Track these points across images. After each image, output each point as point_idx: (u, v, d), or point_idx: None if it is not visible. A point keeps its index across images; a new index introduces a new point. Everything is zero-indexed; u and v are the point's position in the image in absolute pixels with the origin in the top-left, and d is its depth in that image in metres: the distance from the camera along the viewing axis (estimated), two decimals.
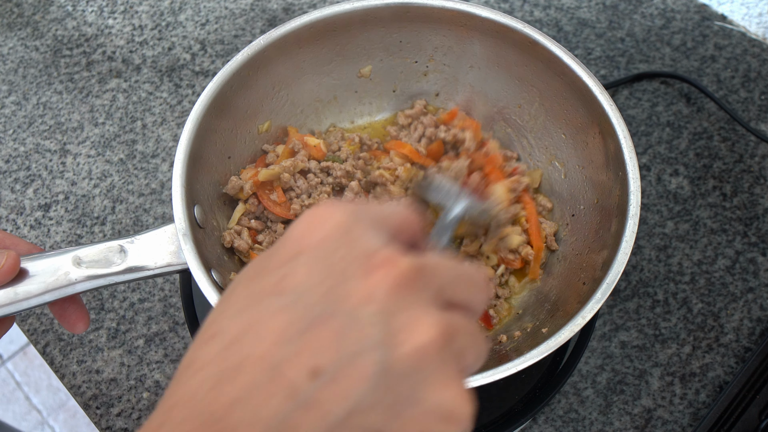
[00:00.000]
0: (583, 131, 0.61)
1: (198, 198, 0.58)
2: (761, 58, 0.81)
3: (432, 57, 0.67)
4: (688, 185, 0.74)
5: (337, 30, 0.63)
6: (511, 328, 0.60)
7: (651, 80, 0.80)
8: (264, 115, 0.65)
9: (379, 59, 0.67)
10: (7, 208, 0.74)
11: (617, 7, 0.85)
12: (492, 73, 0.65)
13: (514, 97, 0.66)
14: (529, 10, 0.85)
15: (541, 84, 0.62)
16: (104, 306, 0.68)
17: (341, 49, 0.65)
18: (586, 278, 0.56)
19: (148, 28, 0.86)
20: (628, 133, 0.55)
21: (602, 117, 0.57)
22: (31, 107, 0.80)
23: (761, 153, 0.75)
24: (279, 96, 0.65)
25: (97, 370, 0.66)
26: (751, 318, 0.67)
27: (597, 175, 0.60)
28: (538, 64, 0.61)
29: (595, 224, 0.59)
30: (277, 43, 0.61)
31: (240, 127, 0.63)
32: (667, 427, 0.63)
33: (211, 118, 0.59)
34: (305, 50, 0.63)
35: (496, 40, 0.62)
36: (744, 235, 0.71)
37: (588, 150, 0.61)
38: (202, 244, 0.55)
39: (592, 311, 0.49)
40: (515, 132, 0.67)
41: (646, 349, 0.66)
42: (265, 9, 0.87)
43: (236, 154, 0.64)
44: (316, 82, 0.67)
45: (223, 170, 0.62)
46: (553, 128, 0.64)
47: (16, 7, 0.89)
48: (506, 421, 0.58)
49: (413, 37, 0.65)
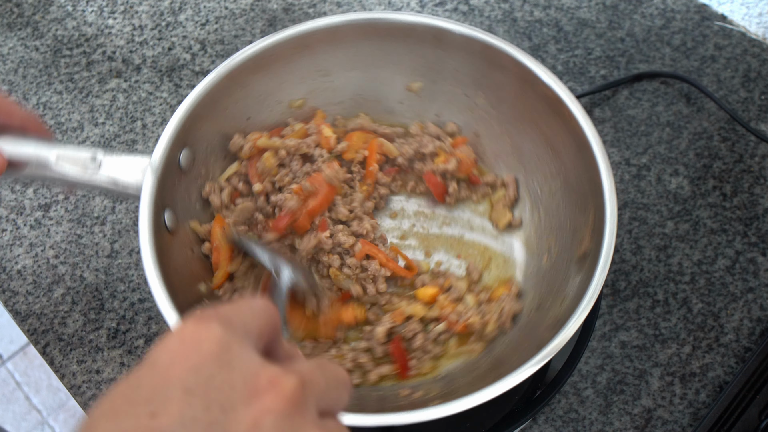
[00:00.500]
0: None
1: (193, 142, 0.59)
2: (761, 58, 0.81)
3: (483, 96, 0.64)
4: (688, 185, 0.74)
5: (398, 37, 0.62)
6: (420, 386, 0.57)
7: (651, 80, 0.80)
8: (300, 93, 0.65)
9: (432, 80, 0.65)
10: (7, 208, 0.74)
11: (617, 7, 0.85)
12: (530, 143, 0.63)
13: (541, 170, 0.63)
14: (529, 10, 0.85)
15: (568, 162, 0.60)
16: (104, 306, 0.69)
17: (399, 57, 0.64)
18: (530, 352, 0.51)
19: (148, 28, 0.86)
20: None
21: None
22: (31, 107, 0.80)
23: (761, 153, 0.75)
24: (323, 80, 0.65)
25: (97, 370, 0.66)
26: (751, 318, 0.67)
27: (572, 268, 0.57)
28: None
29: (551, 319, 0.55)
30: (347, 28, 0.60)
31: (271, 95, 0.63)
32: (667, 427, 0.63)
33: (246, 72, 0.59)
34: (363, 45, 0.62)
35: (556, 121, 0.59)
36: (744, 235, 0.71)
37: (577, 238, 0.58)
38: (172, 184, 0.57)
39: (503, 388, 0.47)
40: (530, 201, 0.65)
41: (646, 349, 0.66)
42: (265, 9, 0.87)
43: (257, 117, 0.64)
44: (364, 79, 0.66)
45: (236, 127, 0.63)
46: (564, 216, 0.61)
47: (16, 7, 0.89)
48: (506, 421, 0.58)
49: (471, 71, 0.63)
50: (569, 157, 0.58)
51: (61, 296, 0.69)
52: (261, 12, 0.87)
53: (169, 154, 0.55)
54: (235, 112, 0.62)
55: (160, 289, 0.50)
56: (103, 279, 0.70)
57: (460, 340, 0.60)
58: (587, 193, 0.56)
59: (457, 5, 0.86)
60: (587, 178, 0.55)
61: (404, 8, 0.86)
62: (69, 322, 0.68)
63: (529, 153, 0.64)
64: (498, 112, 0.64)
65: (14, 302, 0.69)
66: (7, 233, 0.73)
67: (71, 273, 0.70)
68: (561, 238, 0.60)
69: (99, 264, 0.71)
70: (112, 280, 0.70)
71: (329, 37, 0.61)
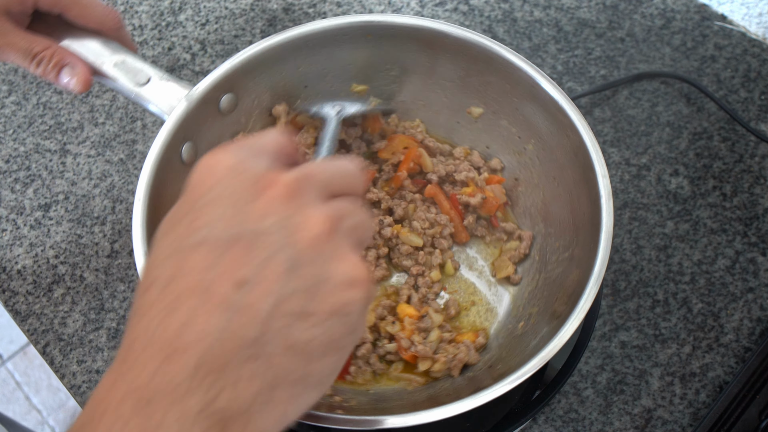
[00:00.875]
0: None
1: (240, 90, 0.60)
2: (761, 58, 0.81)
3: (533, 144, 0.63)
4: (688, 185, 0.74)
5: (478, 63, 0.61)
6: (348, 393, 0.57)
7: (651, 80, 0.80)
8: (365, 80, 0.65)
9: (493, 111, 0.65)
10: (7, 208, 0.74)
11: (617, 7, 0.85)
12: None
13: (558, 238, 0.61)
14: (529, 10, 0.85)
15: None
16: (104, 306, 0.69)
17: (469, 79, 0.63)
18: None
19: (148, 28, 0.86)
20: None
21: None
22: (31, 107, 0.80)
23: (761, 153, 0.75)
24: (390, 75, 0.65)
25: (97, 370, 0.66)
26: (751, 318, 0.67)
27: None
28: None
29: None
30: (449, 40, 0.60)
31: (334, 72, 0.64)
32: (667, 427, 0.63)
33: (314, 46, 0.60)
34: (443, 58, 0.62)
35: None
36: (744, 235, 0.71)
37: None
38: (204, 121, 0.58)
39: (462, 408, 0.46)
40: (538, 263, 0.64)
41: (646, 349, 0.66)
42: (265, 9, 0.87)
43: (313, 89, 0.65)
44: (429, 87, 0.65)
45: (290, 92, 0.64)
46: (558, 291, 0.58)
47: None
48: (506, 421, 0.58)
49: (531, 116, 0.62)
50: (585, 238, 0.56)
51: (61, 296, 0.69)
52: (261, 12, 0.86)
53: (210, 94, 0.57)
54: (293, 78, 0.63)
55: (140, 214, 0.52)
56: (103, 279, 0.70)
57: (406, 367, 0.59)
58: (581, 282, 0.53)
59: (457, 5, 0.86)
60: (587, 266, 0.53)
61: (404, 8, 0.86)
62: (69, 322, 0.68)
63: (555, 216, 0.62)
64: (542, 165, 0.63)
65: (14, 302, 0.69)
66: (7, 233, 0.73)
67: (71, 273, 0.70)
68: (544, 309, 0.58)
69: (99, 264, 0.71)
70: (112, 280, 0.70)
71: (422, 38, 0.61)
